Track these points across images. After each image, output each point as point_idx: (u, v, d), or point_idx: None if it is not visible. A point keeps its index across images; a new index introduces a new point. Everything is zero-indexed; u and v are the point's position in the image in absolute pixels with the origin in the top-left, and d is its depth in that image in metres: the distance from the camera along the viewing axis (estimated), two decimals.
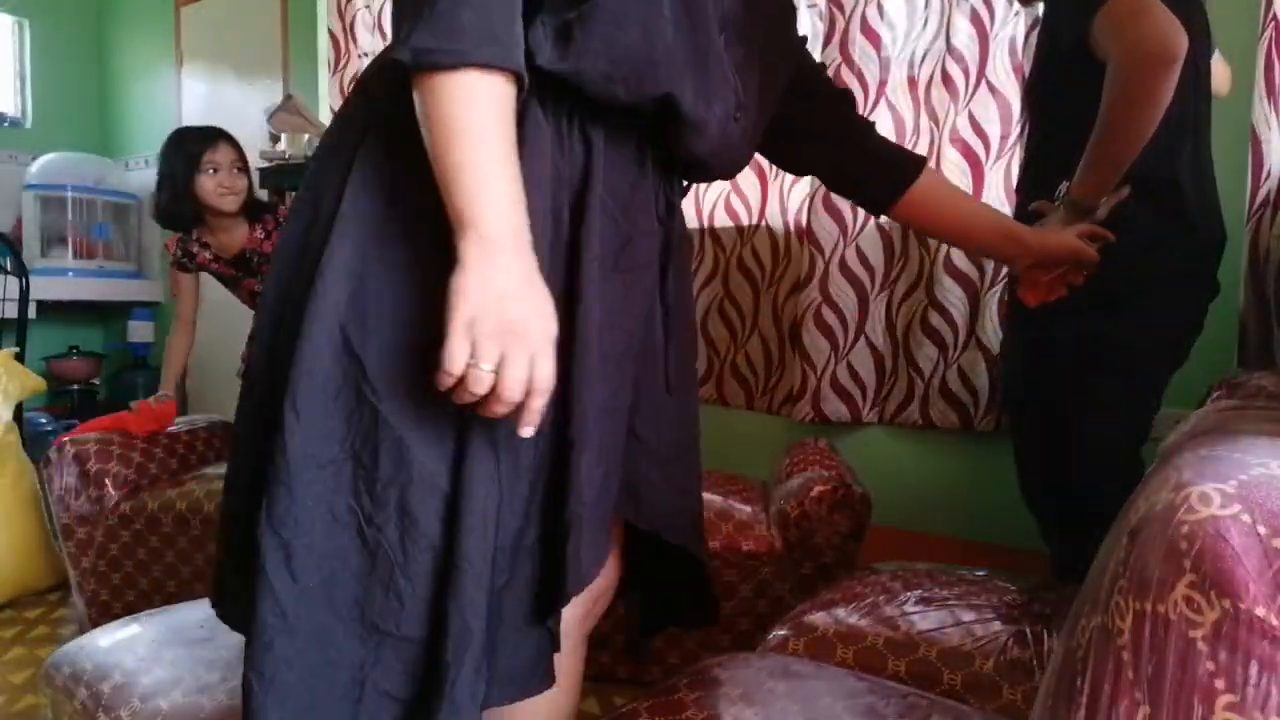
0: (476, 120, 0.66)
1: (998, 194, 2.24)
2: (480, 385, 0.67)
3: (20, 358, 2.76)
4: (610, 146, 0.83)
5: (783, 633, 1.25)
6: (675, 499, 0.99)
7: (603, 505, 0.88)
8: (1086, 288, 1.25)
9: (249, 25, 4.16)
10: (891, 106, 2.40)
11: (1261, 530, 0.47)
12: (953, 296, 2.30)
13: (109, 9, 4.92)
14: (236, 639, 1.16)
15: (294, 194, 2.98)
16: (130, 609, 1.96)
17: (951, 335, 2.32)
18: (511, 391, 0.68)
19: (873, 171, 1.11)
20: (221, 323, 4.49)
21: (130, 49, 4.84)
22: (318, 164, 0.83)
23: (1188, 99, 1.41)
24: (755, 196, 2.69)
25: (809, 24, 2.54)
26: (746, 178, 2.70)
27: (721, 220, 2.75)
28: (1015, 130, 2.22)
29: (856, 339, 2.47)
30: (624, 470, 0.91)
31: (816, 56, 2.47)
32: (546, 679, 0.86)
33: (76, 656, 1.17)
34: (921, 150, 2.36)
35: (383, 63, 0.83)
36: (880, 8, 2.37)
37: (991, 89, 2.23)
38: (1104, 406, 1.50)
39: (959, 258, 2.29)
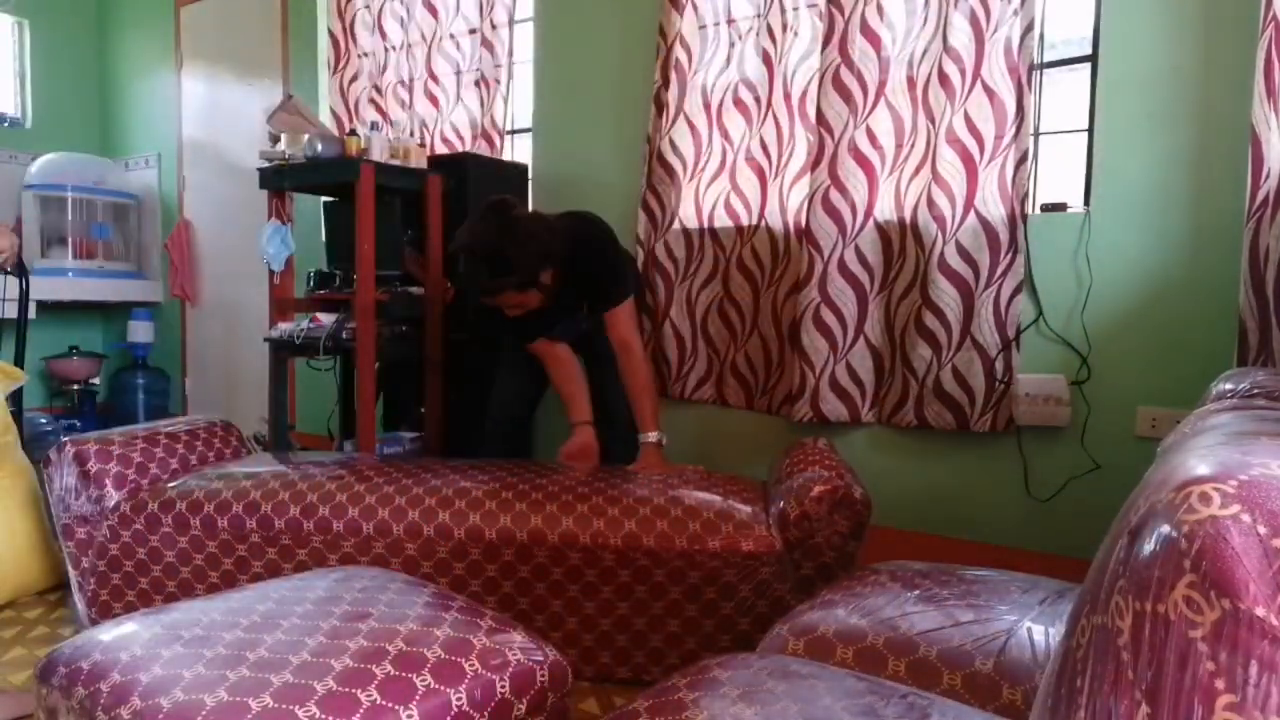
0: None
1: (992, 192, 2.24)
2: None
3: (20, 358, 2.76)
4: None
5: (783, 633, 1.25)
6: None
7: None
8: None
9: (249, 25, 4.16)
10: (891, 106, 2.40)
11: (1261, 530, 0.47)
12: (947, 296, 2.30)
13: (109, 9, 4.92)
14: (235, 636, 1.16)
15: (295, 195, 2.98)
16: (130, 609, 1.96)
17: (945, 335, 2.32)
18: None
19: None
20: (222, 323, 4.49)
21: (130, 49, 4.84)
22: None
23: None
24: (755, 197, 2.69)
25: (809, 24, 2.54)
26: (746, 178, 2.71)
27: (721, 220, 2.75)
28: (1010, 131, 2.22)
29: (855, 339, 2.47)
30: None
31: (816, 57, 2.48)
32: None
33: (73, 656, 1.17)
34: (918, 150, 2.37)
35: None
36: (880, 8, 2.37)
37: (987, 90, 2.23)
38: None
39: (952, 257, 2.29)
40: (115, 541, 1.98)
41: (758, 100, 2.66)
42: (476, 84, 3.33)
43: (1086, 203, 2.24)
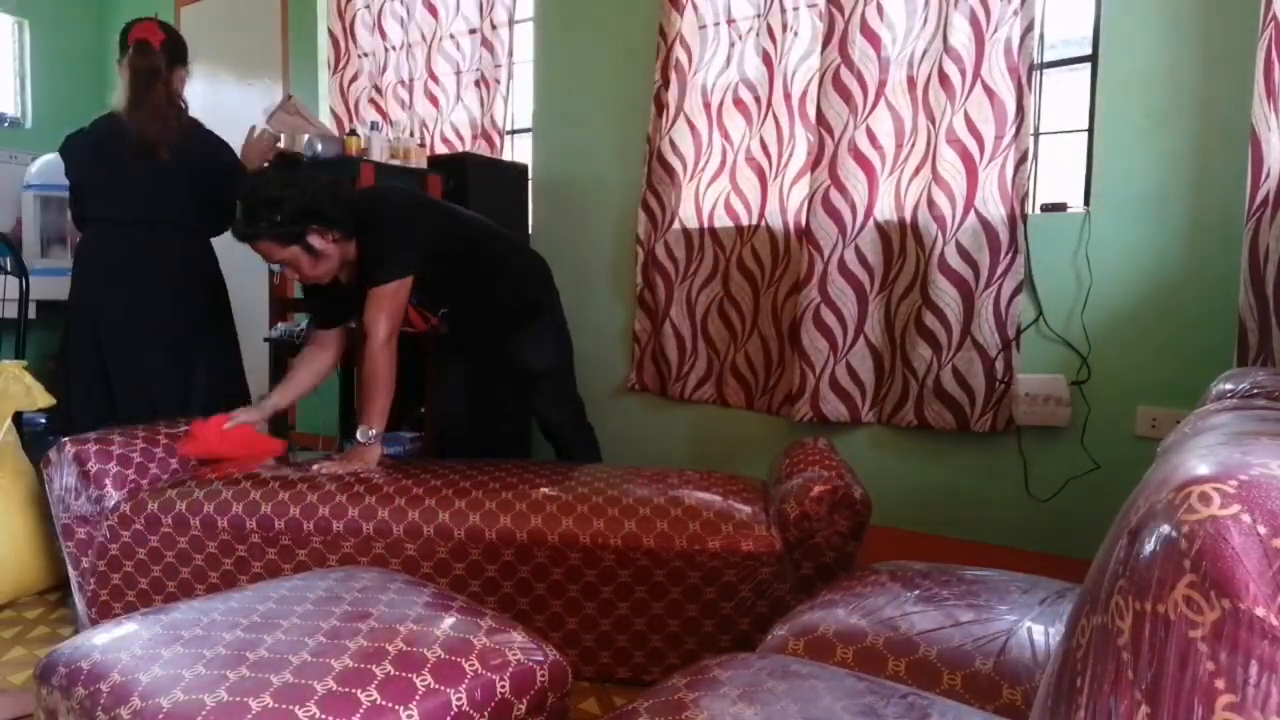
0: None
1: (992, 192, 2.24)
2: None
3: (20, 357, 2.75)
4: None
5: (783, 633, 1.25)
6: None
7: None
8: None
9: (249, 25, 4.15)
10: (891, 106, 2.40)
11: (1261, 530, 0.47)
12: (947, 296, 2.30)
13: (109, 9, 4.91)
14: (235, 636, 1.16)
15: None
16: (130, 609, 1.96)
17: (945, 335, 2.32)
18: None
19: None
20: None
21: None
22: None
23: None
24: (755, 197, 2.69)
25: (809, 24, 2.54)
26: (746, 178, 2.71)
27: (721, 220, 2.75)
28: (1010, 131, 2.22)
29: (855, 339, 2.47)
30: None
31: (816, 57, 2.48)
32: None
33: (73, 656, 1.17)
34: (919, 150, 2.37)
35: None
36: (880, 8, 2.37)
37: (987, 90, 2.23)
38: None
39: (952, 257, 2.29)
40: (115, 541, 1.98)
41: (758, 100, 2.66)
42: (476, 84, 3.33)
43: (1086, 202, 2.24)
